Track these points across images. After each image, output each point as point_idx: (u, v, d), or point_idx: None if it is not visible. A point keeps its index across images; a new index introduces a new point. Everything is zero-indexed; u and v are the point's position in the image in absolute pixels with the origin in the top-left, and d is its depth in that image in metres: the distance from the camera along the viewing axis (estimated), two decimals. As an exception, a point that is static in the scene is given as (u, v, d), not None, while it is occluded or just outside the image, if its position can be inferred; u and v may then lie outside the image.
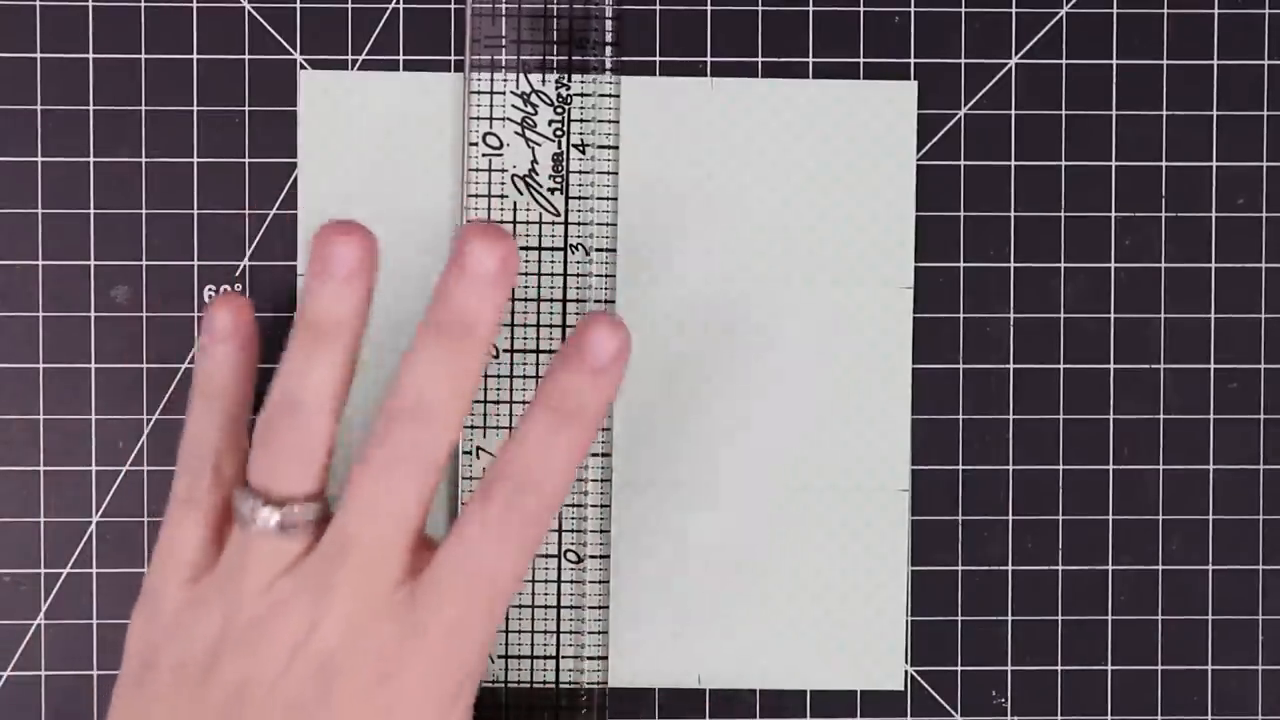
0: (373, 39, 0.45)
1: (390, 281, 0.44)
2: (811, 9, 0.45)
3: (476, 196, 0.45)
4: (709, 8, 0.45)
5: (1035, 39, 0.46)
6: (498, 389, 0.44)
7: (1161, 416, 0.46)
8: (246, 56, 0.45)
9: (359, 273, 0.38)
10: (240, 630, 0.38)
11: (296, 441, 0.38)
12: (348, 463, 0.39)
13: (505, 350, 0.45)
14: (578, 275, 0.45)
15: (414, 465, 0.38)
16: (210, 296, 0.45)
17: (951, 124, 0.46)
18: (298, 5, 0.45)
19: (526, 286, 0.45)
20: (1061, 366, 0.46)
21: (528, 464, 0.38)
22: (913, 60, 0.45)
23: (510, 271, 0.38)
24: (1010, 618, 0.46)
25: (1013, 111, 0.46)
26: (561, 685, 0.45)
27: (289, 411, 0.38)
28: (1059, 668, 0.46)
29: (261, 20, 0.45)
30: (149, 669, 0.38)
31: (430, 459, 0.38)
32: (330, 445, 0.39)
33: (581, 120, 0.45)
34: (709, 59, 0.45)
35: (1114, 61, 0.46)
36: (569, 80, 0.45)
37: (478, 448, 0.44)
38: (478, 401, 0.44)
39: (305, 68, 0.45)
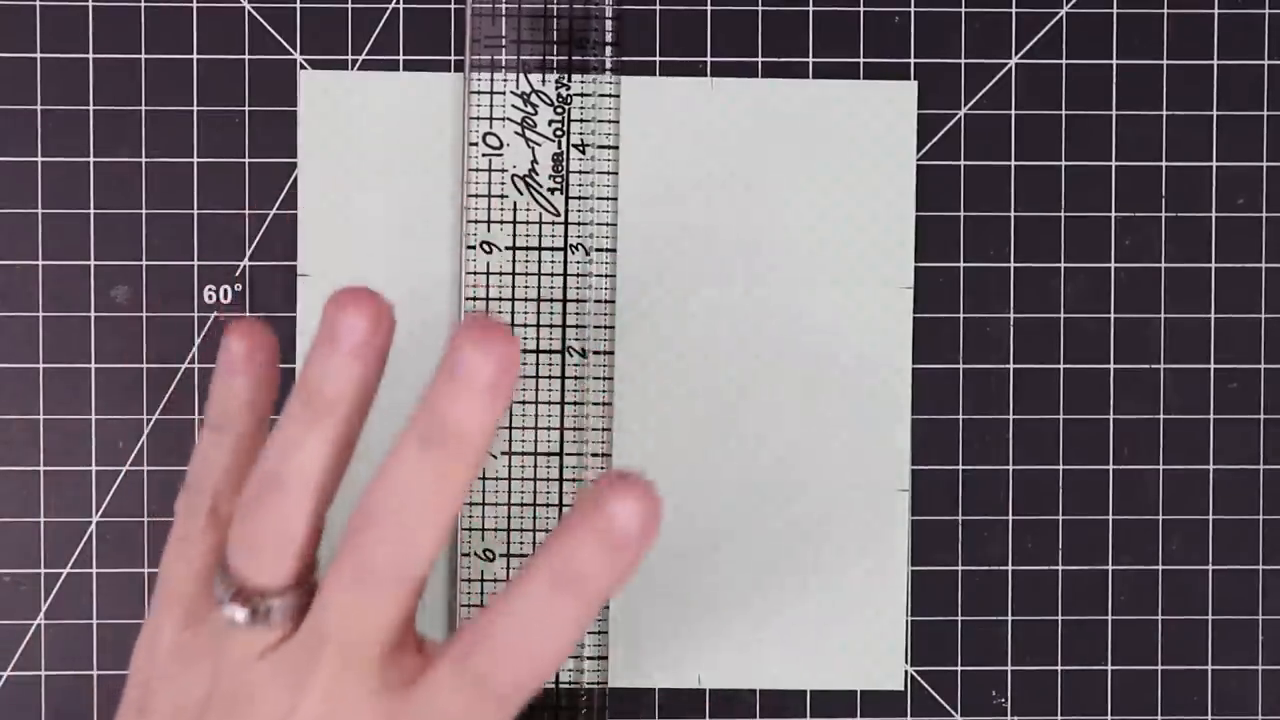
0: (373, 39, 0.45)
1: (388, 288, 0.44)
2: (811, 9, 0.45)
3: (476, 196, 0.45)
4: (709, 8, 0.45)
5: (1035, 39, 0.46)
6: (498, 389, 0.44)
7: (1161, 416, 0.46)
8: (246, 56, 0.45)
9: (367, 346, 0.34)
10: (222, 700, 0.36)
11: (275, 526, 0.35)
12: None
13: (505, 350, 0.45)
14: (578, 275, 0.45)
15: (388, 580, 0.34)
16: (210, 297, 0.45)
17: (951, 124, 0.46)
18: (298, 5, 0.45)
19: (527, 286, 0.45)
20: (1061, 366, 0.46)
21: (520, 633, 0.33)
22: (913, 60, 0.45)
23: (509, 378, 0.33)
24: (1010, 618, 0.46)
25: (1013, 111, 0.46)
26: (561, 685, 0.45)
27: (270, 492, 0.35)
28: (1059, 668, 0.46)
29: (261, 20, 0.45)
30: (147, 703, 0.38)
31: (408, 574, 0.34)
32: (314, 529, 0.35)
33: (581, 120, 0.45)
34: (709, 59, 0.45)
35: (1114, 61, 0.46)
36: (569, 80, 0.45)
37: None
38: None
39: (305, 68, 0.45)
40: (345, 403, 0.35)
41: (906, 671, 0.46)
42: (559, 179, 0.45)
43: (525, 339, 0.45)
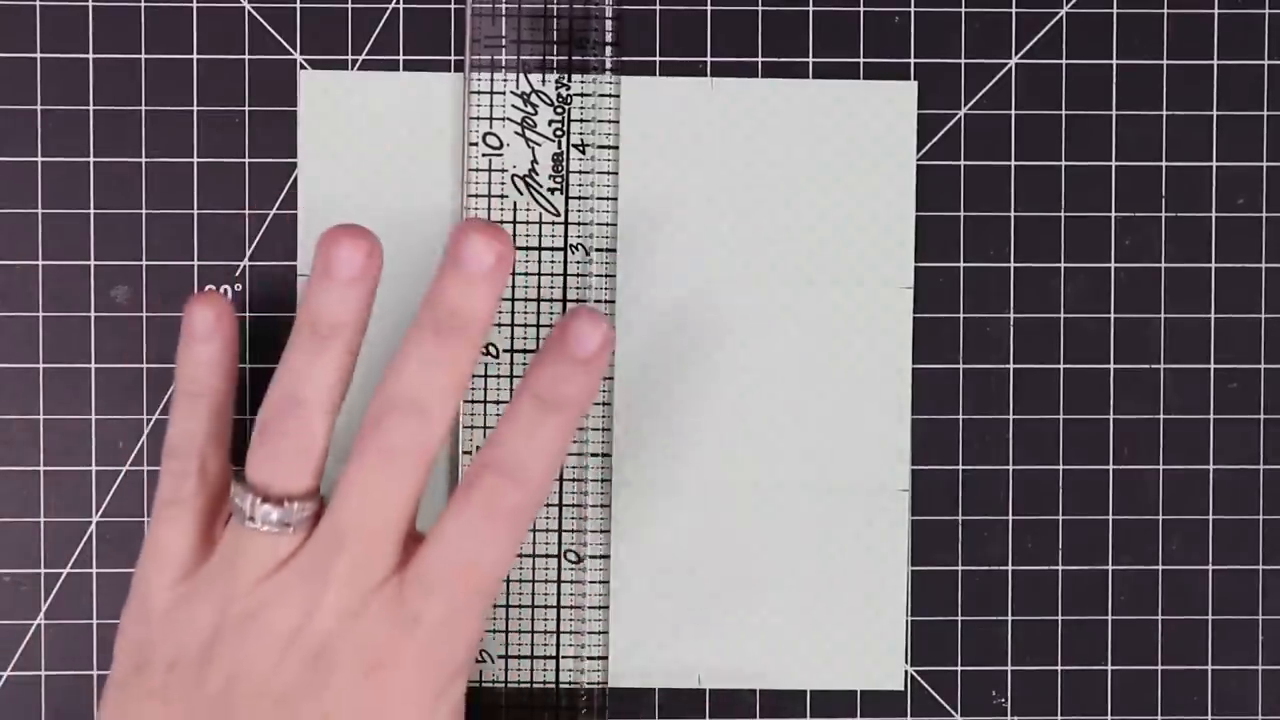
0: (373, 39, 0.45)
1: (389, 281, 0.44)
2: (811, 9, 0.45)
3: (476, 196, 0.45)
4: (709, 8, 0.45)
5: (1035, 39, 0.46)
6: (497, 389, 0.44)
7: (1161, 416, 0.46)
8: (246, 56, 0.45)
9: (362, 276, 0.39)
10: (234, 623, 0.38)
11: (297, 439, 0.39)
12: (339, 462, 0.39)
13: (505, 350, 0.45)
14: (578, 275, 0.45)
15: (409, 458, 0.38)
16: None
17: (951, 124, 0.46)
18: (298, 5, 0.45)
19: (526, 286, 0.45)
20: (1061, 366, 0.46)
21: (512, 452, 0.38)
22: (913, 60, 0.45)
23: (505, 268, 0.38)
24: (1010, 618, 0.46)
25: (1013, 111, 0.46)
26: (561, 685, 0.45)
27: (290, 410, 0.39)
28: (1059, 668, 0.46)
29: (261, 20, 0.45)
30: (142, 668, 0.39)
31: (425, 452, 0.38)
32: (327, 444, 0.39)
33: (581, 120, 0.45)
34: (709, 59, 0.45)
35: (1114, 61, 0.46)
36: (569, 80, 0.45)
37: (478, 448, 0.44)
38: (478, 401, 0.44)
39: (305, 68, 0.45)
40: (347, 327, 0.39)
41: (906, 671, 0.46)
42: (559, 179, 0.45)
43: (525, 339, 0.45)
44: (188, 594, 0.39)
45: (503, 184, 0.45)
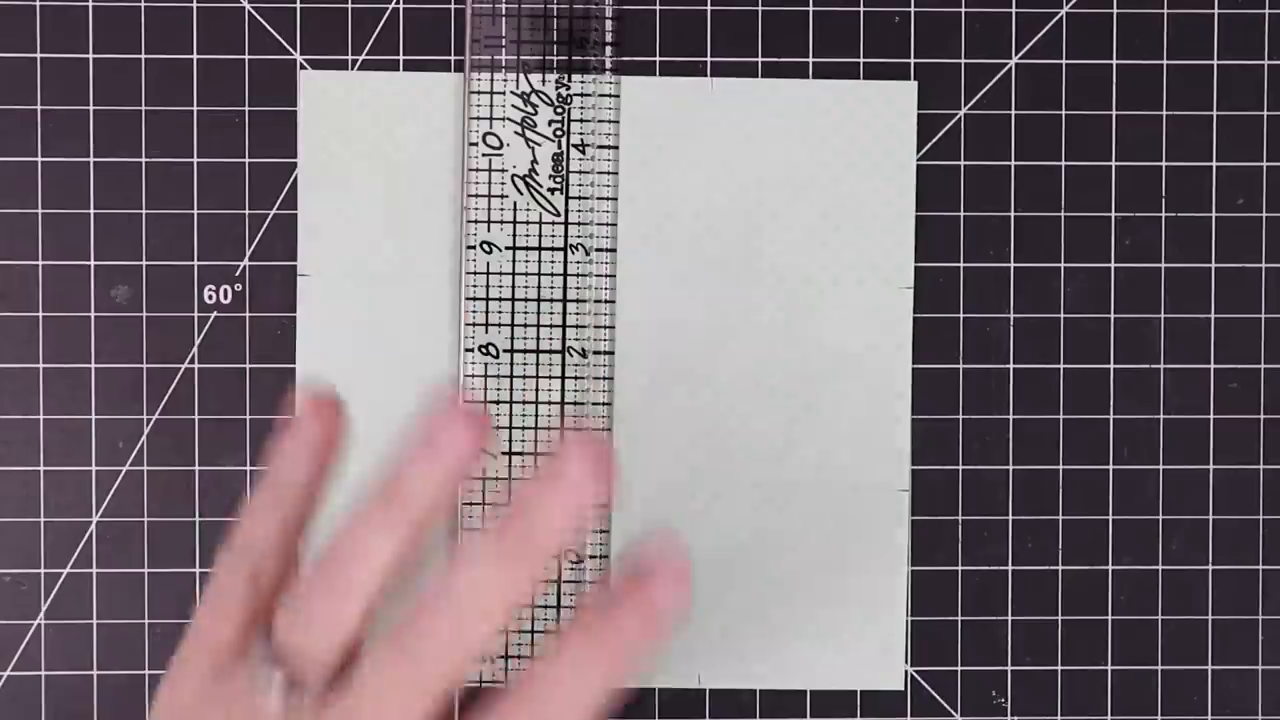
0: (373, 39, 0.45)
1: (388, 281, 0.44)
2: (811, 9, 0.45)
3: (476, 196, 0.45)
4: (709, 8, 0.45)
5: (1035, 39, 0.46)
6: (498, 389, 0.44)
7: (1161, 416, 0.46)
8: (246, 56, 0.45)
9: (464, 465, 0.35)
10: None
11: (331, 616, 0.36)
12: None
13: (505, 350, 0.45)
14: (578, 275, 0.45)
15: (440, 670, 0.35)
16: (210, 297, 0.45)
17: (951, 124, 0.46)
18: (298, 5, 0.45)
19: (526, 287, 0.45)
20: (1061, 366, 0.46)
21: (553, 698, 0.35)
22: (913, 60, 0.45)
23: (604, 494, 0.35)
24: (1010, 618, 0.46)
25: (1013, 111, 0.46)
26: (561, 685, 0.45)
27: (334, 583, 0.36)
28: (1059, 668, 0.46)
29: (261, 20, 0.45)
30: None
31: (459, 662, 0.35)
32: (368, 621, 0.36)
33: (581, 120, 0.45)
34: (709, 59, 0.45)
35: (1114, 61, 0.46)
36: (569, 80, 0.45)
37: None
38: (477, 402, 0.44)
39: (305, 68, 0.45)
40: (430, 508, 0.35)
41: (906, 671, 0.46)
42: (559, 179, 0.45)
43: (525, 339, 0.45)
44: (210, 702, 0.37)
45: (503, 184, 0.45)
